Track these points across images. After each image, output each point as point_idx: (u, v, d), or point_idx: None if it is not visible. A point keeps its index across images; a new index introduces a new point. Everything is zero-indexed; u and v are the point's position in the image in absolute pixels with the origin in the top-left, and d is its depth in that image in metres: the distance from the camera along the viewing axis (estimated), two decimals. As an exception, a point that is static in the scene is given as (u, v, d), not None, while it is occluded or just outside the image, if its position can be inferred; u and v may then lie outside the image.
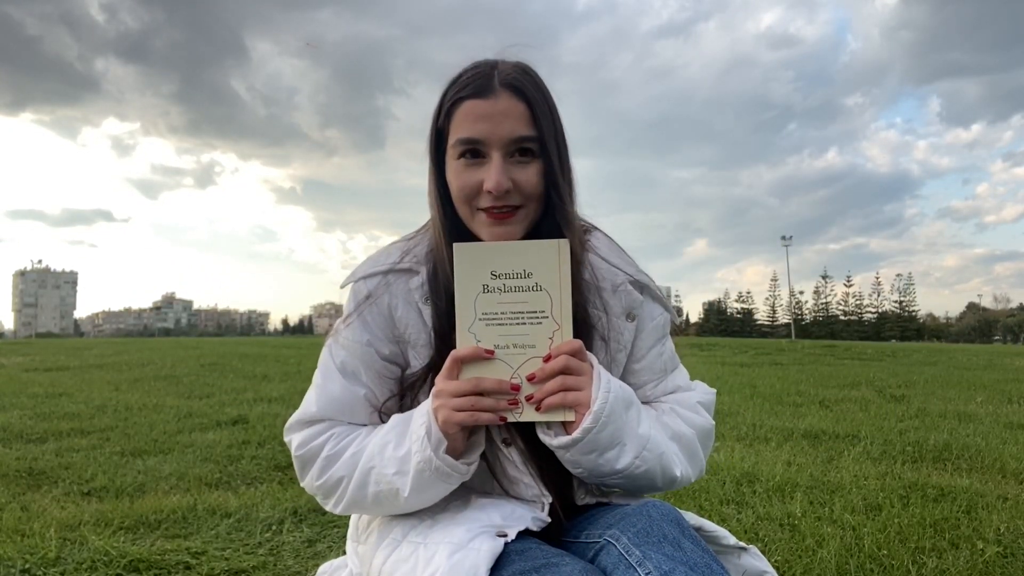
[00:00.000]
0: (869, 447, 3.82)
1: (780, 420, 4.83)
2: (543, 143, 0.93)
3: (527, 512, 0.93)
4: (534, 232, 0.97)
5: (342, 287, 1.04)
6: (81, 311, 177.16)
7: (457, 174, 0.95)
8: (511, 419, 0.87)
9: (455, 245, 0.88)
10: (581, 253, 1.01)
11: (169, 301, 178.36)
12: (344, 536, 1.17)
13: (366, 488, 0.93)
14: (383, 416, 1.00)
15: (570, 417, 0.87)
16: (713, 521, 1.02)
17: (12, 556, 2.00)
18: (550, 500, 0.95)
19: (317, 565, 1.20)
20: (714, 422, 1.08)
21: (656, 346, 1.06)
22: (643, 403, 1.02)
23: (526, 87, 0.94)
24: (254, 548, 2.16)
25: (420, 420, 0.89)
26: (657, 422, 0.98)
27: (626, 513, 0.89)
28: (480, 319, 0.87)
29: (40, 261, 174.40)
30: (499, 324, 0.87)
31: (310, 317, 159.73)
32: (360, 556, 1.03)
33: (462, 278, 0.87)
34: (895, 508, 2.55)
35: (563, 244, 0.87)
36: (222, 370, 8.63)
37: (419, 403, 0.96)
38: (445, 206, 0.98)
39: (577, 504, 1.01)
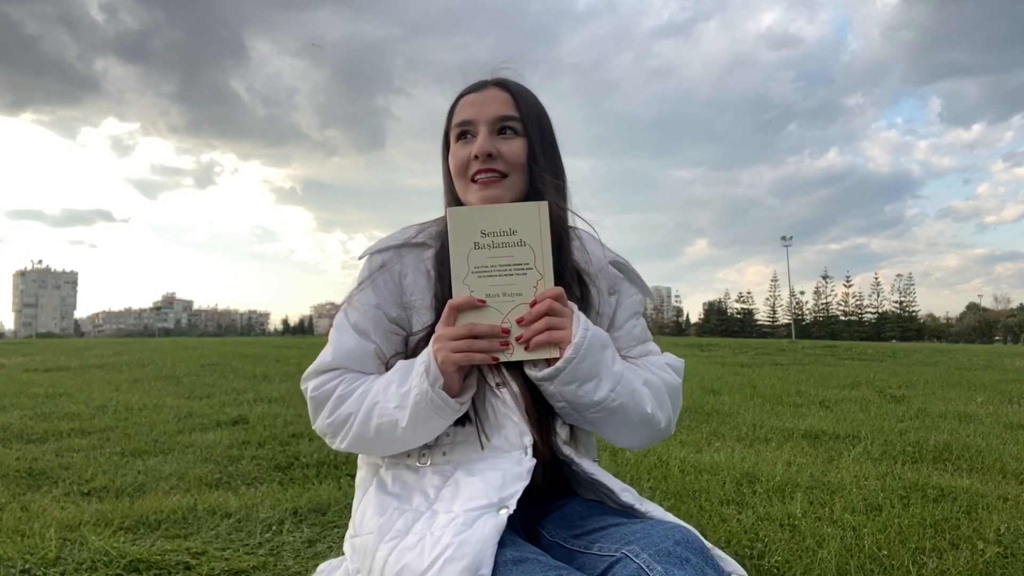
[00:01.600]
0: (869, 447, 3.82)
1: (780, 420, 4.83)
2: (524, 124, 1.10)
3: (514, 467, 0.98)
4: (521, 200, 1.11)
5: (360, 258, 1.17)
6: (81, 311, 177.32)
7: (454, 153, 1.13)
8: (503, 359, 0.98)
9: (448, 209, 1.01)
10: (564, 220, 1.14)
11: (169, 301, 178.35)
12: (344, 537, 1.17)
13: (370, 422, 1.03)
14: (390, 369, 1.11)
15: (555, 354, 0.98)
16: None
17: (12, 556, 2.00)
18: (531, 441, 1.01)
19: (317, 565, 1.20)
20: (681, 381, 1.19)
21: (631, 319, 1.20)
22: None
23: (512, 84, 1.14)
24: (254, 548, 2.16)
25: (421, 360, 1.00)
26: (629, 367, 1.10)
27: (648, 532, 0.89)
28: (472, 272, 0.98)
29: (40, 261, 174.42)
30: (489, 276, 0.98)
31: (310, 317, 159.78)
32: (358, 549, 1.03)
33: (456, 237, 0.98)
34: (895, 508, 2.55)
35: (543, 206, 0.99)
36: (222, 370, 8.62)
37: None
38: (453, 192, 1.14)
39: (557, 455, 1.06)
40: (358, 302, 1.11)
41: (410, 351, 1.10)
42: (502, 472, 0.98)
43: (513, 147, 1.09)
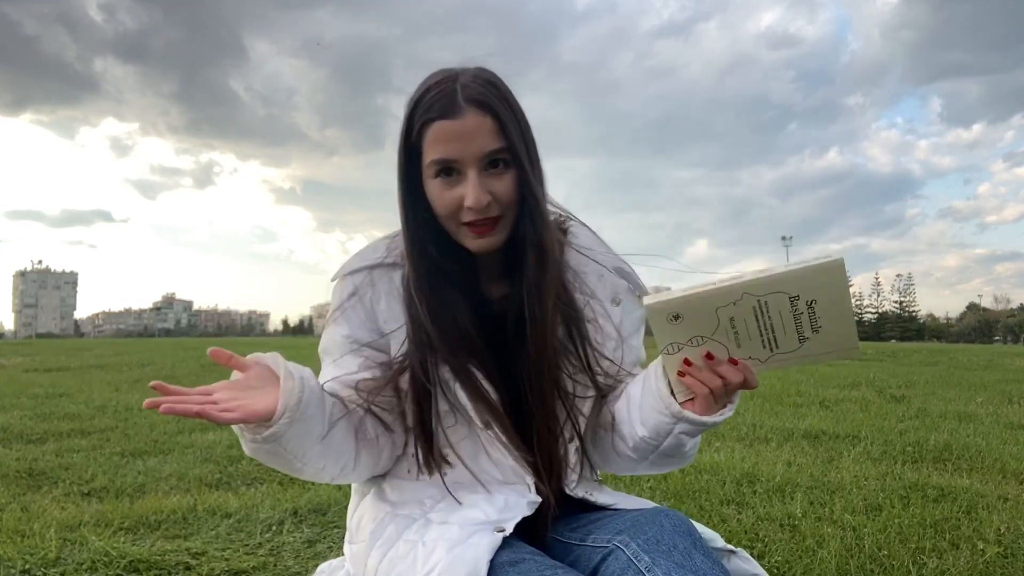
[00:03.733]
0: (869, 447, 3.82)
1: (780, 420, 4.83)
2: (514, 152, 0.95)
3: (520, 499, 0.95)
4: (514, 235, 0.99)
5: (332, 280, 1.08)
6: (81, 312, 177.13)
7: (438, 193, 0.96)
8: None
9: (839, 259, 0.83)
10: (559, 251, 1.05)
11: (169, 302, 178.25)
12: (344, 537, 1.17)
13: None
14: (361, 394, 1.00)
15: (685, 396, 0.91)
16: (713, 521, 1.03)
17: (12, 557, 2.00)
18: (533, 481, 0.98)
19: (317, 565, 1.20)
20: None
21: (634, 335, 1.11)
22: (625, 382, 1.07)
23: (490, 100, 0.94)
24: (254, 549, 2.16)
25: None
26: None
27: (637, 521, 0.89)
28: (754, 305, 0.84)
29: (40, 262, 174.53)
30: (756, 319, 0.86)
31: (310, 318, 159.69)
32: (354, 555, 1.03)
33: (806, 280, 0.83)
34: (895, 508, 2.55)
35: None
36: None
37: (401, 388, 1.00)
38: (416, 212, 0.99)
39: (569, 493, 1.02)
40: (331, 332, 1.05)
41: (392, 378, 1.01)
42: (505, 497, 0.96)
43: (506, 184, 0.95)
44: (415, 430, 1.00)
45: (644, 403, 0.96)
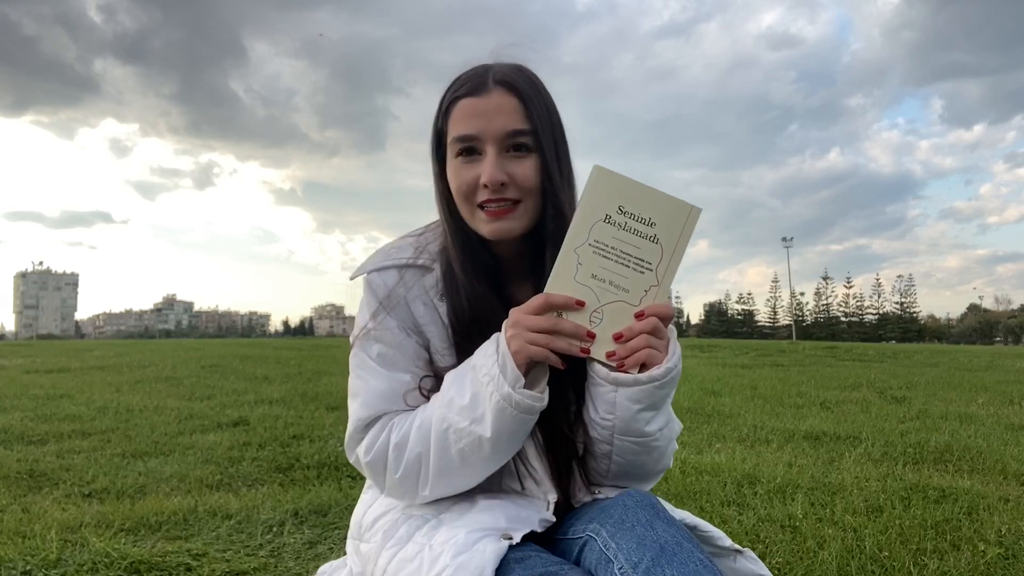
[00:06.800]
0: (870, 448, 3.82)
1: (781, 421, 4.83)
2: (538, 137, 0.94)
3: (532, 513, 0.94)
4: (536, 228, 0.98)
5: (352, 279, 1.05)
6: (82, 313, 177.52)
7: (456, 173, 0.96)
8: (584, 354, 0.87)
9: (595, 166, 0.87)
10: None
11: (170, 303, 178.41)
12: (345, 538, 1.16)
13: (448, 451, 0.91)
14: (430, 395, 0.98)
15: (635, 373, 0.88)
16: (714, 522, 1.02)
17: (13, 558, 2.00)
18: (555, 499, 0.97)
19: (318, 567, 1.20)
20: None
21: None
22: None
23: (519, 84, 0.96)
24: (255, 550, 2.16)
25: (486, 361, 0.88)
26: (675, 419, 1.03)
27: (605, 506, 0.90)
28: (590, 244, 0.87)
29: (41, 263, 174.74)
30: (604, 256, 0.87)
31: (311, 319, 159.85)
32: (362, 554, 1.02)
33: (590, 200, 0.86)
34: (896, 509, 2.54)
35: (695, 211, 0.87)
36: (223, 372, 8.62)
37: None
38: (450, 206, 1.00)
39: (573, 503, 1.02)
40: (375, 330, 0.99)
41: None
42: (518, 508, 0.94)
43: (526, 169, 0.94)
44: None
45: (590, 389, 0.93)
